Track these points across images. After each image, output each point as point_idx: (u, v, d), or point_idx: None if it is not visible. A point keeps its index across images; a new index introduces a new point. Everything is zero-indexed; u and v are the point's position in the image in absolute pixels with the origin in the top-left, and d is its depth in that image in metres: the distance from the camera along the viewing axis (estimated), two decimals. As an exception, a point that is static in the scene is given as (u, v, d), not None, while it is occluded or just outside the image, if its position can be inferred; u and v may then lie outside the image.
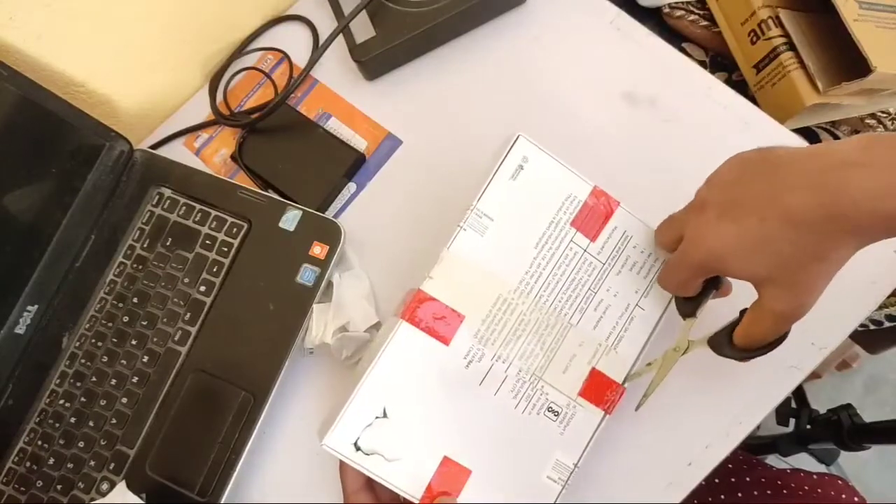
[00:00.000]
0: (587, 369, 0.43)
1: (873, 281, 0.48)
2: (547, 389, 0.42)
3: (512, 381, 0.41)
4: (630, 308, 0.44)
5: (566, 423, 0.42)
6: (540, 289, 0.42)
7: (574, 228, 0.43)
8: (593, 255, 0.43)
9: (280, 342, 0.48)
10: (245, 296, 0.51)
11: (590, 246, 0.43)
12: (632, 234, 0.44)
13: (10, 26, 0.46)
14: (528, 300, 0.42)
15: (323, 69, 0.59)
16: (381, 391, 0.39)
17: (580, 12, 0.57)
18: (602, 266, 0.43)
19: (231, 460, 0.47)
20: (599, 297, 0.43)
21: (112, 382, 0.50)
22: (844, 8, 0.54)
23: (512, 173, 0.43)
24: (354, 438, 0.39)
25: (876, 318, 0.74)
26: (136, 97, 0.58)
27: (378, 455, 0.39)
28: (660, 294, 0.44)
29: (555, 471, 0.41)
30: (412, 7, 0.54)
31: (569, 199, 0.43)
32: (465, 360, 0.41)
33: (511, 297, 0.42)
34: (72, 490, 0.48)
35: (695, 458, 0.46)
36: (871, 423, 0.85)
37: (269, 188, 0.55)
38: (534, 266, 0.42)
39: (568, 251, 0.43)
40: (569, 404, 0.42)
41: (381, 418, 0.39)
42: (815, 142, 0.67)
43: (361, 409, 0.39)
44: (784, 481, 0.64)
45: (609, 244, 0.44)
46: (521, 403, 0.41)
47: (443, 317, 0.41)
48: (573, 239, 0.43)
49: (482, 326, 0.41)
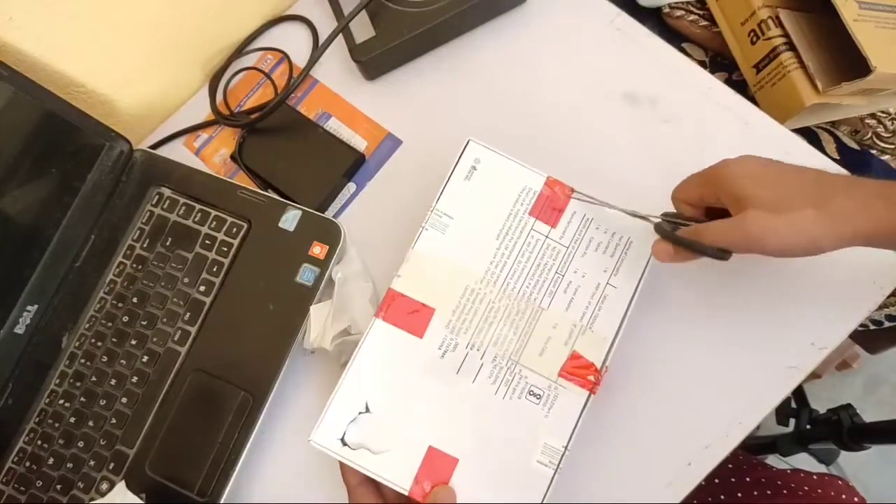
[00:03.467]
0: (566, 350, 0.44)
1: (873, 281, 0.48)
2: (525, 373, 0.43)
3: (489, 367, 0.43)
4: (601, 287, 0.45)
5: (549, 405, 0.43)
6: (506, 277, 0.45)
7: (533, 217, 0.46)
8: (556, 241, 0.46)
9: (280, 342, 0.48)
10: (245, 296, 0.51)
11: (551, 232, 0.46)
12: (592, 217, 0.46)
13: (10, 26, 0.46)
14: (495, 288, 0.45)
15: (323, 69, 0.59)
16: (361, 387, 0.42)
17: (580, 12, 0.57)
18: (566, 250, 0.45)
19: (231, 460, 0.47)
20: (567, 279, 0.45)
21: (112, 382, 0.50)
22: (844, 8, 0.54)
23: (466, 174, 0.47)
24: (340, 434, 0.41)
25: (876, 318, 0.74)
26: (136, 97, 0.58)
27: (364, 449, 0.41)
28: (631, 270, 0.45)
29: (544, 455, 0.42)
30: (412, 7, 0.54)
31: (524, 191, 0.46)
32: (440, 351, 0.43)
33: (478, 287, 0.44)
34: (71, 490, 0.48)
35: (694, 458, 0.46)
36: (871, 423, 0.85)
37: (268, 188, 0.55)
38: (497, 256, 0.45)
39: (530, 239, 0.45)
40: (550, 386, 0.43)
41: (365, 413, 0.42)
42: (814, 142, 0.67)
43: (344, 405, 0.42)
44: (784, 481, 0.64)
45: (570, 228, 0.46)
46: (500, 388, 0.43)
47: (414, 311, 0.44)
48: (533, 227, 0.46)
49: (453, 317, 0.44)
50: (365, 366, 0.43)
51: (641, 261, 0.45)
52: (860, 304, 0.48)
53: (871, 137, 0.68)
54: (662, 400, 0.44)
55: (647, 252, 0.45)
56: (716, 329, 0.48)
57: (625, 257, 0.45)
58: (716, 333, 0.48)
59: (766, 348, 0.48)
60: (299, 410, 0.50)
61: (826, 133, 0.69)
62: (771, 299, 0.49)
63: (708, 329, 0.48)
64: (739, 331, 0.48)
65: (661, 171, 0.49)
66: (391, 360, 0.43)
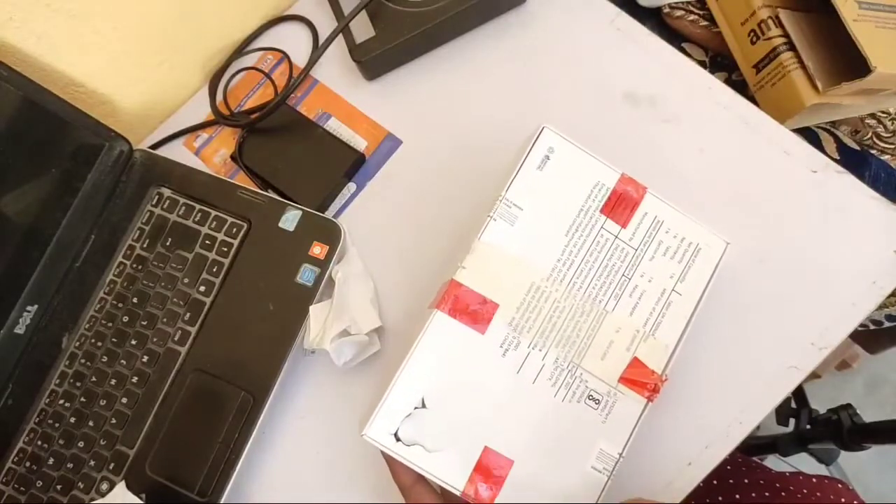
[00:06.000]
0: (628, 356, 0.42)
1: (873, 281, 0.48)
2: (586, 377, 0.42)
3: (550, 368, 0.41)
4: (666, 293, 0.44)
5: (608, 410, 0.42)
6: (573, 276, 0.43)
7: (604, 216, 0.44)
8: (625, 242, 0.44)
9: (280, 342, 0.48)
10: (245, 296, 0.51)
11: (621, 232, 0.44)
12: (663, 220, 0.44)
13: (10, 26, 0.46)
14: (561, 287, 0.42)
15: (323, 69, 0.59)
16: (418, 381, 0.40)
17: (580, 12, 0.57)
18: (634, 252, 0.44)
19: (231, 460, 0.47)
20: (634, 282, 0.43)
21: (112, 382, 0.50)
22: (844, 8, 0.54)
23: (539, 164, 0.43)
24: (394, 429, 0.39)
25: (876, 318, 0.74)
26: (136, 97, 0.58)
27: (419, 446, 0.39)
28: (697, 278, 0.44)
29: (599, 461, 0.41)
30: (412, 7, 0.54)
31: (597, 186, 0.44)
32: (502, 349, 0.41)
33: (544, 285, 0.42)
34: (71, 490, 0.48)
35: (694, 458, 0.46)
36: (871, 423, 0.85)
37: (268, 188, 0.55)
38: (565, 254, 0.43)
39: (599, 238, 0.43)
40: (609, 392, 0.42)
41: (420, 408, 0.39)
42: (814, 142, 0.67)
43: (400, 400, 0.39)
44: (783, 484, 0.64)
45: (640, 230, 0.44)
46: (560, 391, 0.41)
47: (477, 305, 0.41)
48: (604, 226, 0.43)
49: (517, 314, 0.41)
50: (423, 359, 0.40)
51: (708, 268, 0.44)
52: (860, 304, 0.48)
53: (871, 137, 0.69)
54: (662, 400, 0.44)
55: (715, 260, 0.44)
56: (716, 329, 0.48)
57: (692, 264, 0.44)
58: (716, 333, 0.48)
59: (766, 348, 0.48)
60: (300, 410, 0.50)
61: (826, 133, 0.69)
62: (771, 299, 0.49)
63: (708, 329, 0.48)
64: (739, 331, 0.48)
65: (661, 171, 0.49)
66: (450, 355, 0.40)
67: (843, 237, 0.50)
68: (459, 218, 0.52)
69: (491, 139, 0.54)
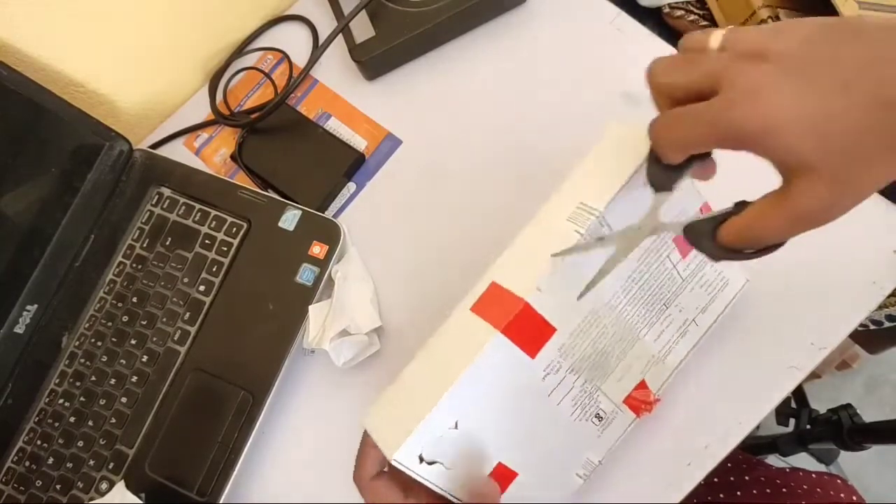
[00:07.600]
0: (638, 378, 0.42)
1: (873, 281, 0.48)
2: (600, 397, 0.41)
3: (577, 391, 0.40)
4: (687, 323, 0.43)
5: (606, 426, 0.42)
6: (626, 302, 0.39)
7: (674, 243, 0.40)
8: (679, 272, 0.41)
9: (279, 342, 0.48)
10: (244, 295, 0.51)
11: (679, 263, 0.41)
12: None
13: (10, 26, 0.46)
14: (612, 313, 0.39)
15: (323, 69, 0.59)
16: (459, 405, 0.36)
17: (580, 12, 0.57)
18: (681, 283, 0.41)
19: (230, 460, 0.47)
20: (668, 311, 0.41)
21: (111, 382, 0.50)
22: (844, 8, 0.54)
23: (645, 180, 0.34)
24: (421, 451, 0.35)
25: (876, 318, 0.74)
26: (136, 97, 0.58)
27: (439, 464, 0.36)
28: (714, 309, 0.43)
29: (583, 468, 0.42)
30: (412, 7, 0.54)
31: (680, 213, 0.38)
32: (544, 373, 0.38)
33: (601, 311, 0.38)
34: (71, 490, 0.48)
35: (694, 457, 0.46)
36: (871, 423, 0.85)
37: (268, 188, 0.55)
38: (629, 280, 0.39)
39: (661, 266, 0.40)
40: (613, 411, 0.42)
41: (452, 429, 0.36)
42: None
43: (436, 423, 0.35)
44: (783, 480, 0.64)
45: (694, 262, 0.41)
46: (576, 411, 0.40)
47: (537, 329, 0.37)
48: (669, 255, 0.40)
49: (568, 340, 0.38)
50: (470, 383, 0.35)
51: (725, 302, 0.43)
52: (860, 304, 0.48)
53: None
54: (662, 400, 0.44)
55: (732, 294, 0.43)
56: (715, 329, 0.48)
57: (717, 296, 0.43)
58: (715, 333, 0.48)
59: (766, 348, 0.48)
60: (299, 410, 0.50)
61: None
62: (771, 299, 0.49)
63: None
64: (739, 331, 0.48)
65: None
66: (498, 379, 0.36)
67: (843, 237, 0.50)
68: (459, 218, 0.52)
69: (491, 139, 0.54)
